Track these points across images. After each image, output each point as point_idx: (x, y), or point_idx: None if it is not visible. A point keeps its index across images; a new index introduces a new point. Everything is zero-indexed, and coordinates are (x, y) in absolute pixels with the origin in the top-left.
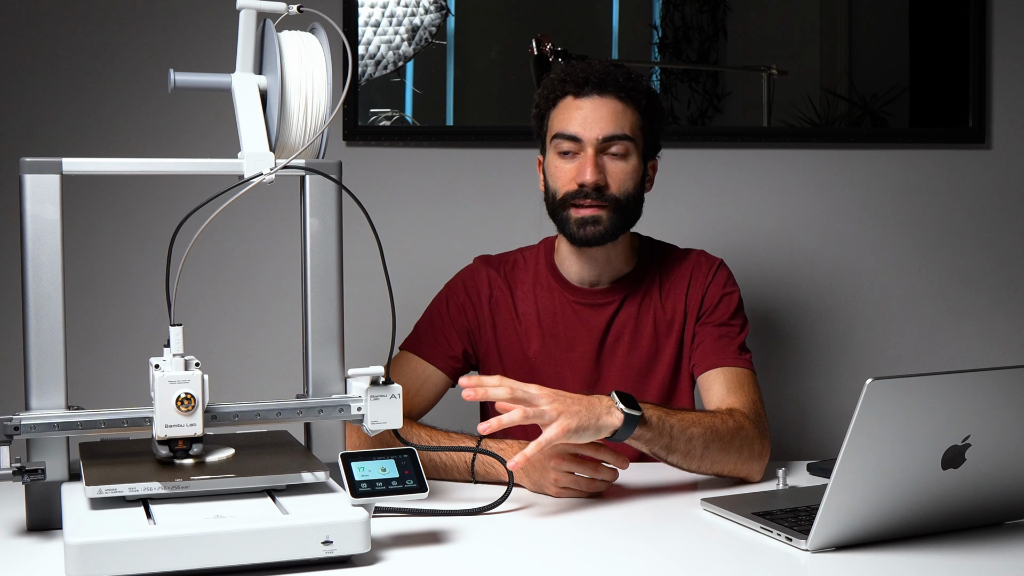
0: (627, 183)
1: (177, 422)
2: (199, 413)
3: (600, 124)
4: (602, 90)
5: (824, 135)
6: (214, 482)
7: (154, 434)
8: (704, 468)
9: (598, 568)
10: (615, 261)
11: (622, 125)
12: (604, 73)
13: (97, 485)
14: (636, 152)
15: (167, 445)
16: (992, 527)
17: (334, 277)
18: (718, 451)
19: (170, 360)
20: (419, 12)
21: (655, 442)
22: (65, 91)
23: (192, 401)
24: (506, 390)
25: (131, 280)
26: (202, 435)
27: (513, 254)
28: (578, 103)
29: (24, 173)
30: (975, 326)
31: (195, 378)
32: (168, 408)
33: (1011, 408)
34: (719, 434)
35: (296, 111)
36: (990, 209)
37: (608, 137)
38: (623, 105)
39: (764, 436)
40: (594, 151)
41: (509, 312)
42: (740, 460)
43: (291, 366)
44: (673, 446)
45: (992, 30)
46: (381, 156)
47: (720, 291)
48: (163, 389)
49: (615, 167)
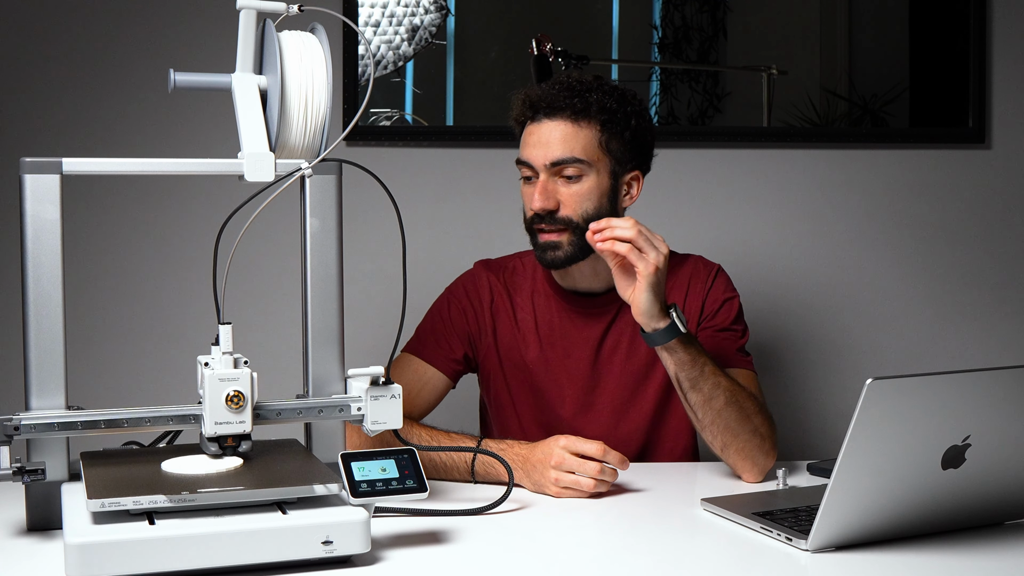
0: (584, 205)
1: (227, 419)
2: (248, 410)
3: (548, 149)
4: (551, 113)
5: (824, 135)
6: (223, 495)
7: (203, 431)
8: (716, 429)
9: (598, 568)
10: (603, 272)
11: (571, 148)
12: (555, 94)
13: (100, 498)
14: (595, 172)
15: (216, 442)
16: (992, 527)
17: (334, 277)
18: (735, 416)
19: (220, 358)
20: (419, 12)
21: (685, 367)
22: (65, 91)
23: (242, 398)
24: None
25: (131, 280)
26: (251, 432)
27: (512, 259)
28: (531, 128)
29: (24, 173)
30: (975, 326)
31: (244, 376)
32: (218, 405)
33: (1011, 408)
34: (741, 404)
35: (296, 111)
36: (990, 209)
37: (556, 161)
38: (574, 127)
39: (774, 439)
40: (546, 176)
41: (509, 318)
42: (750, 444)
43: (291, 366)
44: (699, 383)
45: (992, 30)
46: (381, 156)
47: (721, 296)
48: (213, 387)
49: (568, 191)
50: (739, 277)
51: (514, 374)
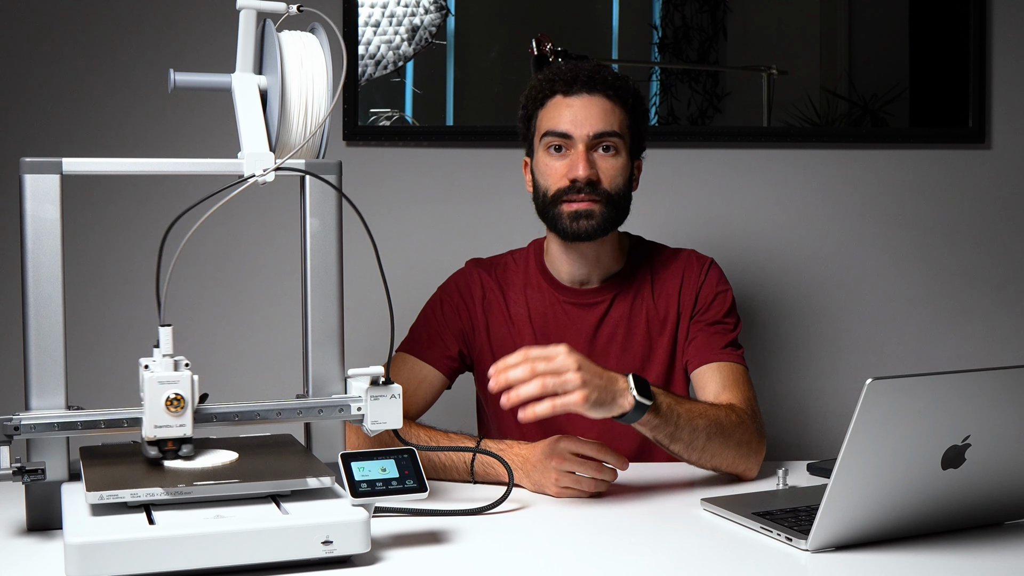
0: (618, 179)
1: (167, 423)
2: (188, 413)
3: (591, 121)
4: (591, 88)
5: (824, 135)
6: (218, 487)
7: (143, 435)
8: (703, 460)
9: (598, 568)
10: (604, 259)
11: (611, 122)
12: (593, 72)
13: (98, 491)
14: (625, 149)
15: (156, 446)
16: (992, 527)
17: (334, 277)
18: (720, 444)
19: (159, 360)
20: (419, 12)
21: (660, 429)
22: (65, 91)
23: (181, 401)
24: (527, 368)
25: (131, 280)
26: (191, 436)
27: (503, 257)
28: (568, 101)
29: (24, 173)
30: (975, 326)
31: (184, 379)
32: (157, 409)
33: (1011, 408)
34: (722, 427)
35: (296, 111)
36: (990, 209)
37: (599, 133)
38: (611, 103)
39: (761, 434)
40: (585, 147)
41: (502, 314)
42: (739, 455)
43: (291, 366)
44: (677, 435)
45: (992, 30)
46: (381, 156)
47: (714, 290)
48: (152, 389)
49: (606, 163)
50: (739, 277)
51: None
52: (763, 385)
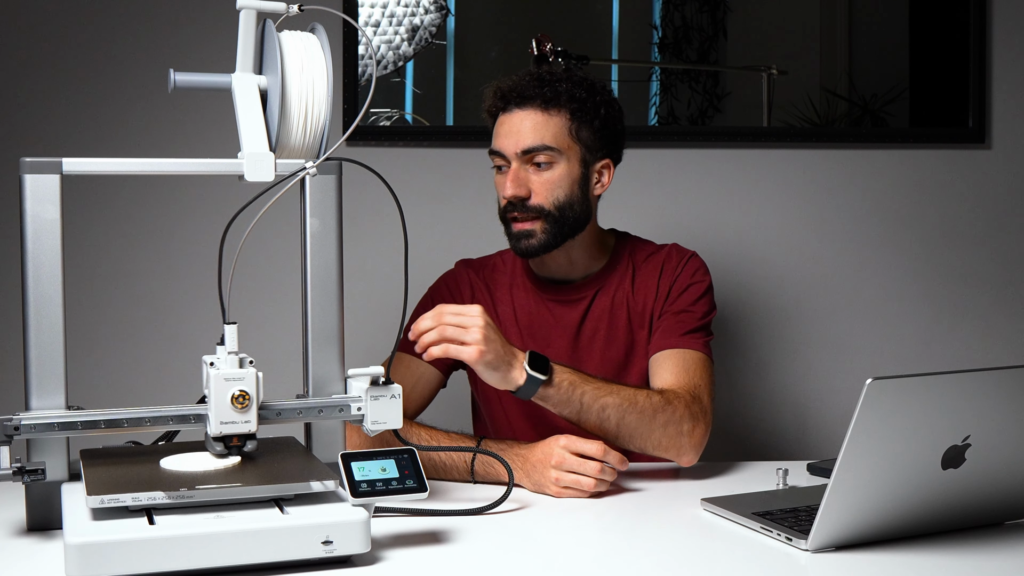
0: (555, 192)
1: (232, 419)
2: (254, 410)
3: (518, 137)
4: (522, 103)
5: (824, 135)
6: (220, 491)
7: (209, 431)
8: (623, 442)
9: (598, 568)
10: (579, 261)
11: (542, 136)
12: (526, 84)
13: (99, 495)
14: (566, 159)
15: (222, 442)
16: (992, 527)
17: (334, 277)
18: (635, 424)
19: (225, 358)
20: (419, 12)
21: (563, 407)
22: (65, 91)
23: (247, 398)
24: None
25: (131, 280)
26: (256, 432)
27: (492, 257)
28: (503, 119)
29: (24, 173)
30: (975, 326)
31: (250, 376)
32: (224, 405)
33: (1011, 408)
34: (637, 407)
35: (296, 111)
36: (990, 209)
37: (527, 149)
38: (544, 115)
39: (698, 419)
40: (517, 165)
41: (490, 313)
42: (665, 437)
43: (291, 366)
44: (584, 415)
45: (992, 30)
46: (381, 156)
47: (688, 280)
48: (219, 386)
49: (539, 178)
50: (739, 277)
51: None
52: (763, 385)
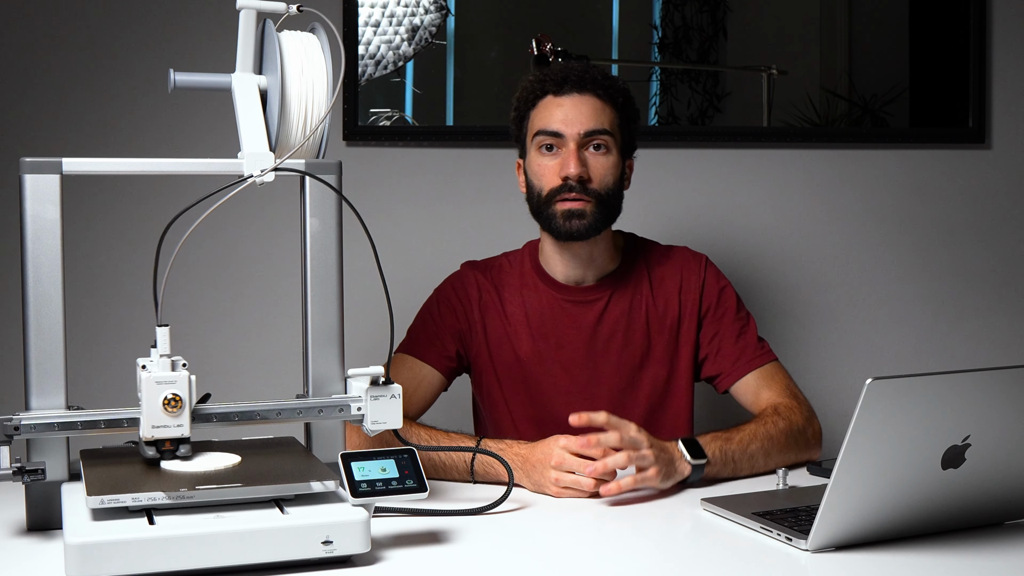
0: (608, 178)
1: (164, 423)
2: (186, 414)
3: (581, 120)
4: (581, 88)
5: (824, 135)
6: (220, 491)
7: (140, 435)
8: (770, 469)
9: (598, 568)
10: (599, 258)
11: (602, 120)
12: (583, 72)
13: (99, 495)
14: (616, 148)
15: (154, 446)
16: (992, 527)
17: (334, 277)
18: (778, 454)
19: (157, 361)
20: (419, 12)
21: (722, 472)
22: (65, 91)
23: (179, 402)
24: (616, 436)
25: (131, 280)
26: (189, 436)
27: (498, 259)
28: (559, 101)
29: (24, 173)
30: (975, 326)
31: (182, 379)
32: (155, 409)
33: (1011, 408)
34: (774, 440)
35: (296, 111)
36: (990, 209)
37: (590, 132)
38: (602, 102)
39: (809, 418)
40: (576, 146)
41: (498, 315)
42: (799, 452)
43: (291, 366)
44: (739, 469)
45: (992, 30)
46: (381, 156)
47: (716, 286)
48: (150, 390)
49: (596, 162)
50: (739, 277)
51: (505, 371)
52: None
